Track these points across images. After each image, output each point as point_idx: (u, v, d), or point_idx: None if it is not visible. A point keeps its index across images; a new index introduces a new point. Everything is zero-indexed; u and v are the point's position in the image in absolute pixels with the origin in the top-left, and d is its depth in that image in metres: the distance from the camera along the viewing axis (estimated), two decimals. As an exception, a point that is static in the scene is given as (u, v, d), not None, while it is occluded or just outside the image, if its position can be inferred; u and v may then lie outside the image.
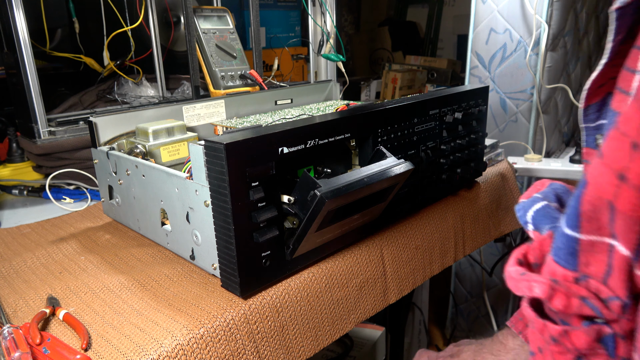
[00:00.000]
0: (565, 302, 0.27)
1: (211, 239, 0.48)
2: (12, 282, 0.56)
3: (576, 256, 0.27)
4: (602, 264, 0.25)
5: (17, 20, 0.83)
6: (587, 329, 0.27)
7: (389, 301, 0.63)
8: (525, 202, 0.37)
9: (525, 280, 0.29)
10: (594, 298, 0.26)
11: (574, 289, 0.27)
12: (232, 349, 0.45)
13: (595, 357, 0.28)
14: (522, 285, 0.29)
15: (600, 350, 0.27)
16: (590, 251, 0.26)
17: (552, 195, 0.37)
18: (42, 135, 0.88)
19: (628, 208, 0.22)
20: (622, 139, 0.22)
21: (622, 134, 0.22)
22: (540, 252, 0.31)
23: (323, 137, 0.50)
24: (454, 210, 0.74)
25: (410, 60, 2.56)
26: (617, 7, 0.27)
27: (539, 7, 1.12)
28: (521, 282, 0.29)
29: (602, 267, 0.26)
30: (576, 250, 0.27)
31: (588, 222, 0.25)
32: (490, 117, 1.28)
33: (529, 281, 0.28)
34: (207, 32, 0.95)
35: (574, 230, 0.26)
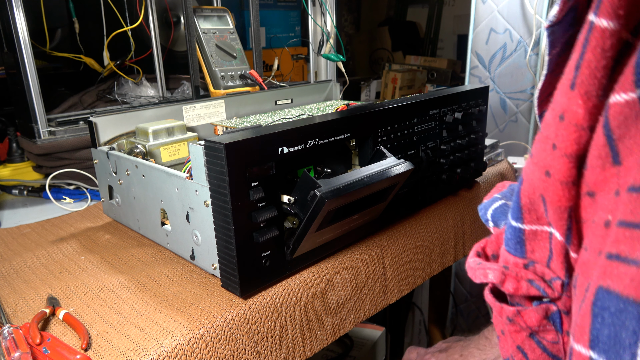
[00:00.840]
0: (515, 285, 0.30)
1: (211, 239, 0.48)
2: (12, 282, 0.56)
3: (523, 244, 0.30)
4: (545, 250, 0.29)
5: (17, 20, 0.83)
6: (536, 308, 0.30)
7: (389, 301, 0.63)
8: (487, 202, 0.40)
9: (481, 269, 0.32)
10: (539, 280, 0.29)
11: (522, 273, 0.30)
12: (232, 349, 0.45)
13: (545, 333, 0.31)
14: (479, 273, 0.32)
15: (548, 327, 0.30)
16: (534, 239, 0.29)
17: (509, 194, 0.41)
18: (42, 135, 0.88)
19: (555, 199, 0.25)
20: (545, 141, 0.25)
21: (545, 137, 0.25)
22: (497, 244, 0.34)
23: (323, 137, 0.50)
24: (454, 210, 0.74)
25: (410, 60, 2.56)
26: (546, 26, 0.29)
27: (539, 7, 1.12)
28: (478, 270, 0.32)
29: (545, 253, 0.29)
30: (522, 239, 0.30)
31: (528, 214, 0.28)
32: (490, 117, 1.28)
33: (484, 269, 0.31)
34: (207, 32, 0.95)
35: (518, 222, 0.29)
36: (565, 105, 0.23)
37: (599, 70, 0.22)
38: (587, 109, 0.23)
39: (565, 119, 0.24)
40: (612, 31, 0.21)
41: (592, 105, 0.22)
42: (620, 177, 0.22)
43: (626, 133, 0.21)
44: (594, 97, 0.22)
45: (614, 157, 0.22)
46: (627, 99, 0.20)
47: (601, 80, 0.22)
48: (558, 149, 0.24)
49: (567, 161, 0.24)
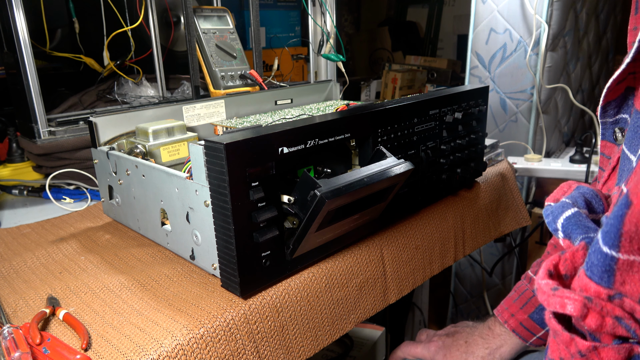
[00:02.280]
0: (599, 322, 0.27)
1: (211, 239, 0.48)
2: (12, 282, 0.56)
3: (613, 274, 0.26)
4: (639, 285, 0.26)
5: (17, 20, 0.83)
6: (619, 348, 0.27)
7: (389, 301, 0.63)
8: (554, 206, 0.36)
9: (558, 297, 0.28)
10: (629, 318, 0.26)
11: (609, 308, 0.26)
12: (232, 349, 0.45)
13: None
14: (555, 301, 0.29)
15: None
16: (629, 271, 0.26)
17: (581, 200, 0.37)
18: (42, 135, 0.88)
19: None
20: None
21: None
22: (572, 264, 0.31)
23: (323, 137, 0.50)
24: (454, 210, 0.74)
25: (410, 60, 2.56)
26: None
27: (539, 7, 1.12)
28: (553, 298, 0.29)
29: (639, 288, 0.26)
30: (613, 268, 0.26)
31: (629, 243, 0.25)
32: (490, 117, 1.28)
33: (562, 297, 0.28)
34: (207, 32, 0.95)
35: (612, 250, 0.26)
36: None
37: None
38: None
39: None
40: None
41: None
42: None
43: None
44: None
45: None
46: None
47: None
48: None
49: None
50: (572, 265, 0.31)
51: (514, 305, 0.64)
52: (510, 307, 0.65)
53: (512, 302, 0.65)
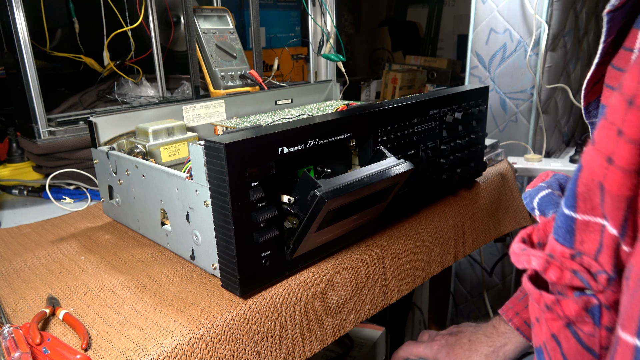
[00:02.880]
0: (558, 275, 0.30)
1: (211, 239, 0.48)
2: (12, 282, 0.56)
3: (573, 234, 0.29)
4: (595, 242, 0.28)
5: (17, 20, 0.83)
6: (577, 299, 0.30)
7: (389, 301, 0.63)
8: (531, 190, 0.40)
9: (525, 255, 0.32)
10: (584, 272, 0.29)
11: (567, 263, 0.30)
12: (232, 349, 0.45)
13: (582, 325, 0.30)
14: (522, 259, 0.32)
15: (587, 319, 0.30)
16: (585, 230, 0.29)
17: (555, 184, 0.40)
18: (42, 135, 0.88)
19: (614, 187, 0.25)
20: (609, 127, 0.25)
21: (610, 123, 0.25)
22: (544, 232, 0.34)
23: (323, 137, 0.50)
24: (454, 210, 0.74)
25: (410, 60, 2.56)
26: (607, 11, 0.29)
27: (539, 7, 1.12)
28: (522, 256, 0.32)
29: (595, 245, 0.28)
30: (573, 228, 0.29)
31: (583, 203, 0.28)
32: (490, 117, 1.28)
33: (528, 255, 0.32)
34: (207, 32, 0.95)
35: (571, 210, 0.29)
36: (635, 89, 0.23)
37: None
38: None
39: (635, 104, 0.23)
40: None
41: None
42: None
43: None
44: None
45: None
46: None
47: None
48: (624, 135, 0.24)
49: (633, 148, 0.23)
50: (544, 234, 0.34)
51: (519, 304, 0.65)
52: (515, 305, 0.65)
53: (517, 301, 0.65)
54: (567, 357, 0.32)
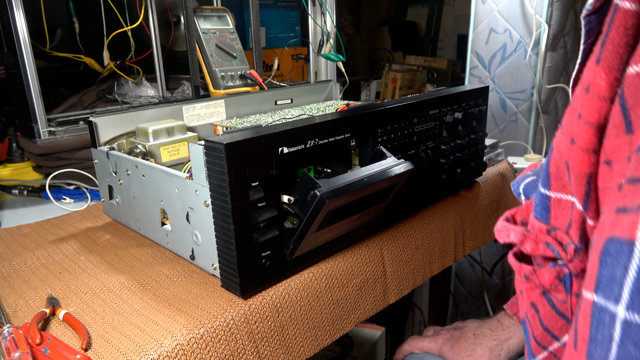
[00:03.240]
0: (533, 246, 0.33)
1: (211, 239, 0.48)
2: (12, 282, 0.56)
3: (548, 211, 0.32)
4: (566, 218, 0.31)
5: (17, 20, 0.83)
6: (551, 269, 0.33)
7: (389, 301, 0.63)
8: (519, 178, 0.44)
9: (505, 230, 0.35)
10: (555, 243, 0.32)
11: (542, 237, 0.33)
12: (232, 349, 0.45)
13: (556, 292, 0.34)
14: (503, 233, 0.35)
15: (560, 287, 0.33)
16: (558, 207, 0.31)
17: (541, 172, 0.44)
18: (42, 135, 0.88)
19: (576, 165, 0.28)
20: (572, 112, 0.28)
21: (573, 108, 0.28)
22: (527, 213, 0.37)
23: (323, 137, 0.50)
24: (454, 210, 0.74)
25: (410, 60, 2.56)
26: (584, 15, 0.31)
27: (539, 7, 1.12)
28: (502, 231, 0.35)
29: (566, 220, 0.31)
30: (548, 206, 0.32)
31: (555, 182, 0.31)
32: (490, 117, 1.28)
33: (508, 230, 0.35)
34: (207, 32, 0.95)
35: (546, 189, 0.32)
36: (590, 78, 0.26)
37: (621, 47, 0.24)
38: (609, 82, 0.25)
39: (590, 91, 0.26)
40: (633, 12, 0.23)
41: (614, 77, 0.25)
42: (632, 145, 0.23)
43: (637, 103, 0.23)
44: (615, 70, 0.24)
45: (627, 125, 0.23)
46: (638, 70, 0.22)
47: (622, 55, 0.24)
48: (582, 118, 0.26)
49: (589, 129, 0.26)
50: (526, 214, 0.36)
51: None
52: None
53: None
54: (544, 322, 0.35)
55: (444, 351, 0.68)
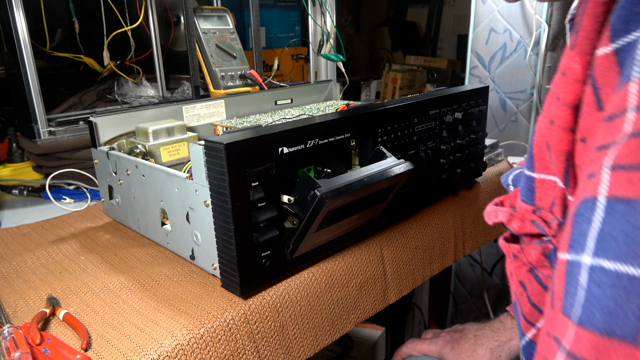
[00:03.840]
0: (519, 224, 0.35)
1: (211, 239, 0.48)
2: (12, 282, 0.56)
3: (533, 192, 0.34)
4: (550, 197, 0.33)
5: (17, 20, 0.83)
6: (537, 246, 0.34)
7: (389, 301, 0.63)
8: (508, 172, 0.46)
9: (493, 211, 0.37)
10: (540, 221, 0.33)
11: (528, 216, 0.34)
12: (232, 349, 0.45)
13: (542, 269, 0.35)
14: (492, 215, 0.37)
15: (545, 263, 0.34)
16: (542, 187, 0.33)
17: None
18: (42, 135, 0.88)
19: (556, 144, 0.30)
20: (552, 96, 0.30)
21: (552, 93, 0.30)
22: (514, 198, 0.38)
23: (323, 137, 0.50)
24: (454, 210, 0.74)
25: (410, 60, 2.56)
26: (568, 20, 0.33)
27: (539, 7, 1.12)
28: (491, 213, 0.37)
29: (550, 200, 0.33)
30: (532, 187, 0.34)
31: (538, 162, 0.33)
32: (490, 117, 1.28)
33: (496, 211, 0.37)
34: (207, 32, 0.95)
35: (530, 171, 0.34)
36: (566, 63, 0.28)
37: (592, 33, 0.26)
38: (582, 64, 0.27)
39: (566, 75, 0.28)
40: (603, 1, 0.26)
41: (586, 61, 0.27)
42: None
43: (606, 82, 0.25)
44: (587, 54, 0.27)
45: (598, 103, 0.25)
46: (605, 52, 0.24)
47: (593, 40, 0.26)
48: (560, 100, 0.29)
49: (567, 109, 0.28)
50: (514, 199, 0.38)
51: None
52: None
53: None
54: (531, 299, 0.36)
55: (444, 352, 0.67)
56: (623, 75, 0.22)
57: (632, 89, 0.21)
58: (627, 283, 0.20)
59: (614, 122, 0.22)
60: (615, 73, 0.24)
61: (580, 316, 0.21)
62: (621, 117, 0.21)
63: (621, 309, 0.20)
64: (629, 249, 0.20)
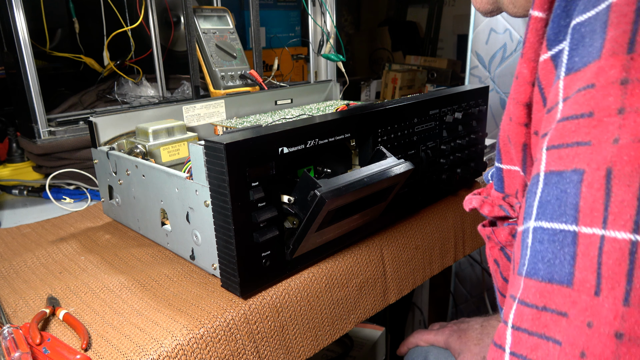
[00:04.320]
0: (490, 209, 0.39)
1: (211, 239, 0.48)
2: (12, 282, 0.56)
3: (502, 181, 0.38)
4: (515, 185, 0.37)
5: (17, 20, 0.83)
6: (505, 227, 0.39)
7: (389, 301, 0.63)
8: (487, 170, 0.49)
9: (469, 199, 0.42)
10: (506, 205, 0.38)
11: (497, 201, 0.39)
12: (232, 349, 0.45)
13: (510, 247, 0.39)
14: (468, 202, 0.42)
15: (513, 242, 0.38)
16: (509, 177, 0.37)
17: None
18: (42, 135, 0.88)
19: (515, 137, 0.34)
20: (511, 97, 0.34)
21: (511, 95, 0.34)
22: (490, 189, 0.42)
23: (323, 137, 0.50)
24: (454, 210, 0.74)
25: (410, 60, 2.56)
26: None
27: (539, 7, 1.12)
28: (467, 200, 0.42)
29: (515, 187, 0.37)
30: (502, 177, 0.38)
31: (504, 155, 0.37)
32: (490, 117, 1.28)
33: (472, 198, 0.42)
34: (207, 32, 0.95)
35: (499, 162, 0.38)
36: (518, 69, 0.33)
37: (535, 44, 0.31)
38: (530, 70, 0.32)
39: (519, 78, 0.33)
40: (541, 18, 0.30)
41: (533, 66, 0.31)
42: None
43: (547, 82, 0.29)
44: (532, 60, 0.31)
45: (544, 101, 0.30)
46: (544, 58, 0.29)
47: (537, 49, 0.31)
48: (515, 99, 0.33)
49: (521, 108, 0.33)
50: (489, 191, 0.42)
51: None
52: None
53: None
54: (503, 274, 0.41)
55: (451, 342, 0.69)
56: (556, 76, 0.27)
57: (561, 85, 0.26)
58: (560, 236, 0.24)
59: (551, 113, 0.27)
60: (552, 74, 0.29)
61: (527, 270, 0.26)
62: (555, 108, 0.26)
63: (557, 258, 0.24)
64: (560, 209, 0.24)
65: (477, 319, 0.72)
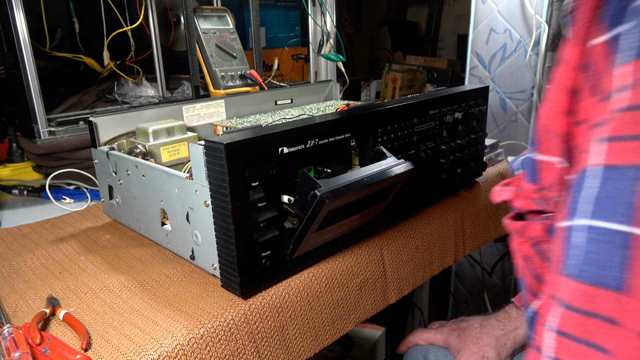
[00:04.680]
0: (523, 201, 0.38)
1: (211, 239, 0.48)
2: (12, 282, 0.56)
3: (536, 173, 0.36)
4: (551, 177, 0.35)
5: (17, 20, 0.83)
6: (539, 222, 0.37)
7: (389, 301, 0.63)
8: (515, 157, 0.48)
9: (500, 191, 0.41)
10: (542, 198, 0.36)
11: (531, 194, 0.37)
12: (232, 349, 0.45)
13: (544, 243, 0.37)
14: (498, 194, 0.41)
15: (547, 238, 0.37)
16: (544, 168, 0.35)
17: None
18: (42, 135, 0.88)
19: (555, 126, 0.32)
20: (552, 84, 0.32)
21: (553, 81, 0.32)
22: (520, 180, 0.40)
23: (323, 137, 0.50)
24: (454, 210, 0.74)
25: (410, 60, 2.56)
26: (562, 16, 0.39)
27: (539, 7, 1.12)
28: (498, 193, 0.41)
29: (550, 180, 0.35)
30: (536, 168, 0.36)
31: (541, 144, 0.35)
32: (490, 117, 1.28)
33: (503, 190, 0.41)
34: (207, 32, 0.95)
35: (535, 153, 0.36)
36: (565, 53, 0.31)
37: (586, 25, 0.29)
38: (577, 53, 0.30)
39: (564, 63, 0.31)
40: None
41: (582, 49, 0.29)
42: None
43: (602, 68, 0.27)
44: (583, 44, 0.29)
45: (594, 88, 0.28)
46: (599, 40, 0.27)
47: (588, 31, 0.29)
48: (557, 86, 0.31)
49: (563, 95, 0.31)
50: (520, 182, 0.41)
51: None
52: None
53: None
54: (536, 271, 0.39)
55: (450, 340, 0.69)
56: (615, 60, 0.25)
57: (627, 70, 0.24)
58: (610, 237, 0.23)
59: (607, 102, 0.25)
60: (608, 58, 0.26)
61: (574, 272, 0.24)
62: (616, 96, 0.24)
63: (609, 261, 0.22)
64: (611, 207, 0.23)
65: (477, 317, 0.72)
